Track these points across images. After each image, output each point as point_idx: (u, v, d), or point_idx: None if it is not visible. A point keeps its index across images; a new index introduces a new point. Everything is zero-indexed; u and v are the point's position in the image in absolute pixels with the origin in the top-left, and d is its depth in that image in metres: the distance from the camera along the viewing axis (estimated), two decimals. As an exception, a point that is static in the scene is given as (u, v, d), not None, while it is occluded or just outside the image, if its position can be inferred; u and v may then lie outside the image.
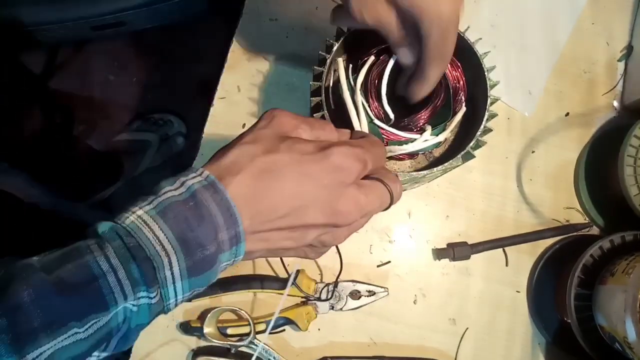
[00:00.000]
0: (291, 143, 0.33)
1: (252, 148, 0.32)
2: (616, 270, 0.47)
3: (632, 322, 0.42)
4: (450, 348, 0.55)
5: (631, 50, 0.62)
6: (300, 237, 0.34)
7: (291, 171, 0.31)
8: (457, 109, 0.44)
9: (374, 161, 0.34)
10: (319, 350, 0.54)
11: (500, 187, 0.58)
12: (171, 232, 0.28)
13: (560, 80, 0.61)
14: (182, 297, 0.30)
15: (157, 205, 0.29)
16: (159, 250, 0.28)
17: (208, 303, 0.54)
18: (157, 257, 0.28)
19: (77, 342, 0.26)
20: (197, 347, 0.53)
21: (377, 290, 0.54)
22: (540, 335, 0.56)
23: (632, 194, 0.51)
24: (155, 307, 0.29)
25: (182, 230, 0.29)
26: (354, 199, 0.33)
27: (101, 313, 0.27)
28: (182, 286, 0.29)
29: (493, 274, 0.57)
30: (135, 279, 0.28)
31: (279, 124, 0.34)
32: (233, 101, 0.57)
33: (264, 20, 0.59)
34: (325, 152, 0.32)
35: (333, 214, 0.33)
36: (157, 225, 0.28)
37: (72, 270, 0.26)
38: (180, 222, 0.29)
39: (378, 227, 0.57)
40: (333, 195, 0.32)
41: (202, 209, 0.29)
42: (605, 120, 0.61)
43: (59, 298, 0.26)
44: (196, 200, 0.29)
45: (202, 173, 0.31)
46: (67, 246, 0.28)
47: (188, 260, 0.29)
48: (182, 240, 0.29)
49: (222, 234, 0.30)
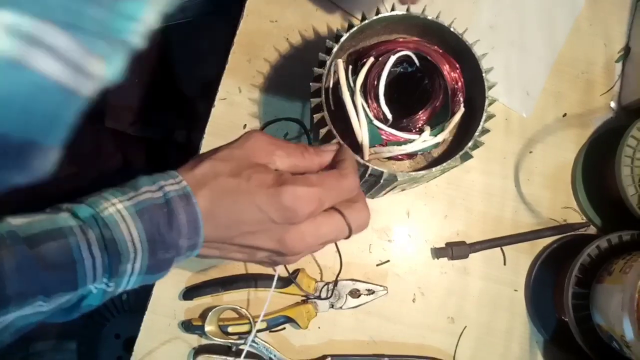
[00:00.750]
0: (252, 172, 0.34)
1: (220, 166, 0.34)
2: (613, 270, 0.48)
3: (630, 321, 0.43)
4: (448, 346, 0.55)
5: (628, 51, 0.62)
6: (250, 254, 0.36)
7: (245, 199, 0.33)
8: (456, 110, 0.44)
9: (335, 197, 0.35)
10: (319, 348, 0.54)
11: (499, 187, 0.59)
12: (144, 233, 0.30)
13: (558, 81, 0.62)
14: (132, 287, 0.33)
15: (137, 204, 0.31)
16: (129, 247, 0.30)
17: (209, 301, 0.54)
18: (126, 252, 0.30)
19: (37, 313, 0.28)
20: (198, 345, 0.53)
21: (377, 289, 0.55)
22: (538, 334, 0.56)
23: (629, 194, 0.51)
24: (108, 294, 0.31)
25: (153, 233, 0.31)
26: (300, 235, 0.34)
27: (69, 292, 0.29)
28: (135, 280, 0.32)
29: (491, 273, 0.57)
30: (104, 268, 0.30)
31: (252, 148, 0.35)
32: (234, 102, 0.58)
33: (264, 21, 0.60)
34: (278, 189, 0.33)
35: (280, 245, 0.35)
36: (133, 224, 0.30)
37: (54, 249, 0.28)
38: (153, 225, 0.31)
39: (377, 226, 0.57)
40: (280, 228, 0.34)
41: (173, 217, 0.31)
42: (603, 121, 0.61)
43: (37, 273, 0.27)
44: (170, 208, 0.31)
45: (180, 182, 0.33)
46: (49, 214, 0.30)
47: (151, 259, 0.31)
48: (151, 241, 0.31)
49: (184, 241, 0.32)
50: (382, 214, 0.57)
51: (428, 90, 0.46)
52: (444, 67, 0.44)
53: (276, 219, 0.33)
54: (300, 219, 0.34)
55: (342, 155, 0.38)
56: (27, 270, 0.27)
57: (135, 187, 0.32)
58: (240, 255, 0.36)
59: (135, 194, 0.31)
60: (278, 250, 0.35)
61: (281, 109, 0.58)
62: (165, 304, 0.54)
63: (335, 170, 0.36)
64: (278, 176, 0.34)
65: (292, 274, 0.53)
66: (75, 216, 0.30)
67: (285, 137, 0.57)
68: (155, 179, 0.32)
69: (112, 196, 0.31)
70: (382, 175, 0.41)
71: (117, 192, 0.31)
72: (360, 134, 0.41)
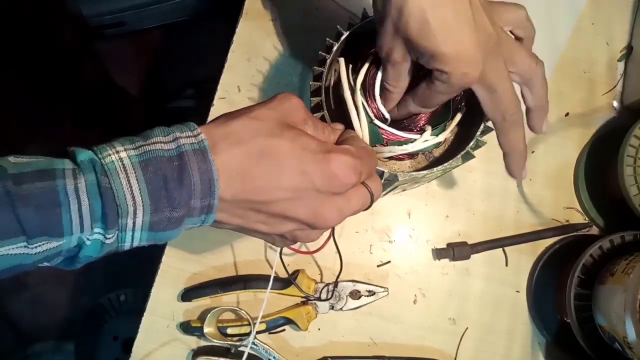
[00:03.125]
0: (297, 134, 0.32)
1: (257, 124, 0.31)
2: (616, 270, 0.47)
3: (632, 322, 0.42)
4: (450, 348, 0.55)
5: (631, 50, 0.62)
6: (275, 225, 0.33)
7: (289, 163, 0.31)
8: (457, 109, 0.44)
9: (367, 173, 0.34)
10: (319, 350, 0.54)
11: (500, 187, 0.58)
12: (146, 186, 0.28)
13: (560, 81, 0.61)
14: (139, 244, 0.30)
15: (142, 154, 0.29)
16: (128, 199, 0.28)
17: (208, 303, 0.54)
18: (124, 205, 0.28)
19: (23, 255, 0.27)
20: (197, 347, 0.53)
21: (377, 290, 0.54)
22: (540, 335, 0.56)
23: (632, 194, 0.51)
24: (107, 246, 0.29)
25: (158, 188, 0.28)
26: (339, 207, 0.33)
27: (55, 238, 0.27)
28: (140, 236, 0.29)
29: (493, 274, 0.57)
30: (96, 216, 0.28)
31: (290, 110, 0.34)
32: (233, 101, 0.57)
33: (264, 20, 0.59)
34: (327, 156, 0.32)
35: (315, 217, 0.33)
36: (134, 175, 0.28)
37: (39, 189, 0.26)
38: (158, 180, 0.28)
39: (378, 227, 0.57)
40: (321, 199, 0.32)
41: (184, 173, 0.29)
42: (605, 121, 0.61)
43: (16, 209, 0.26)
44: (182, 162, 0.29)
45: (198, 135, 0.30)
46: (54, 158, 0.28)
47: (154, 216, 0.29)
48: (154, 197, 0.28)
49: (196, 201, 0.29)
50: (383, 214, 0.57)
51: (429, 90, 0.45)
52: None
53: (320, 186, 0.31)
54: (342, 190, 0.32)
55: (346, 135, 0.37)
56: (4, 204, 0.25)
57: (147, 137, 0.29)
58: (263, 227, 0.33)
59: (144, 144, 0.29)
60: (309, 223, 0.33)
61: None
62: (164, 305, 0.53)
63: (365, 148, 0.36)
64: (322, 143, 0.33)
65: (291, 275, 0.53)
66: (74, 160, 0.28)
67: (285, 136, 0.57)
68: (170, 130, 0.30)
69: (119, 144, 0.29)
70: (382, 175, 0.41)
71: (127, 140, 0.29)
72: (361, 134, 0.41)
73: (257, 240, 0.55)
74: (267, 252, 0.55)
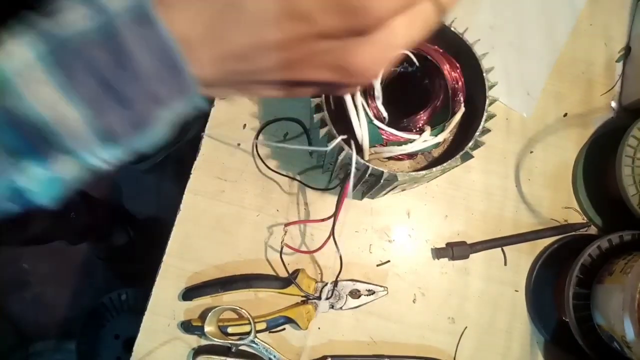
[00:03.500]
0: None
1: None
2: (614, 270, 0.48)
3: (630, 321, 0.43)
4: (449, 347, 0.55)
5: (629, 51, 0.62)
6: (292, 92, 0.26)
7: (273, 4, 0.20)
8: (456, 110, 0.44)
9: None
10: (319, 349, 0.54)
11: (499, 187, 0.59)
12: (77, 95, 0.20)
13: (559, 81, 0.62)
14: (112, 159, 0.23)
15: (55, 49, 0.19)
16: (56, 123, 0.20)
17: (209, 302, 0.54)
18: (56, 132, 0.20)
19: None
20: (198, 346, 0.53)
21: (377, 289, 0.54)
22: (538, 334, 0.56)
23: (630, 193, 0.51)
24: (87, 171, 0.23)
25: (91, 88, 0.20)
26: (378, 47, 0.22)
27: None
28: (112, 151, 0.22)
29: (492, 273, 0.57)
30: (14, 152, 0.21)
31: None
32: (234, 101, 0.58)
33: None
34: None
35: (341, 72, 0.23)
36: (50, 86, 0.19)
37: None
38: (88, 76, 0.20)
39: (378, 226, 0.57)
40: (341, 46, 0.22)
41: (123, 55, 0.20)
42: (604, 121, 0.61)
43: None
44: (116, 42, 0.20)
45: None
46: None
47: (99, 121, 0.21)
48: (93, 102, 0.20)
49: (156, 85, 0.21)
50: (382, 214, 0.57)
51: (428, 90, 0.46)
52: (445, 66, 0.44)
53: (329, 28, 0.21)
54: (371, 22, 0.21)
55: None
56: None
57: (54, 13, 0.20)
58: (275, 93, 0.26)
59: (53, 29, 0.19)
60: (337, 82, 0.24)
61: (281, 108, 0.58)
62: (164, 305, 0.54)
63: None
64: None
65: (291, 275, 0.53)
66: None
67: (285, 137, 0.57)
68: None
69: (17, 39, 0.19)
70: (382, 175, 0.41)
71: (26, 29, 0.19)
72: (361, 134, 0.41)
73: (257, 240, 0.55)
74: (268, 252, 0.55)
